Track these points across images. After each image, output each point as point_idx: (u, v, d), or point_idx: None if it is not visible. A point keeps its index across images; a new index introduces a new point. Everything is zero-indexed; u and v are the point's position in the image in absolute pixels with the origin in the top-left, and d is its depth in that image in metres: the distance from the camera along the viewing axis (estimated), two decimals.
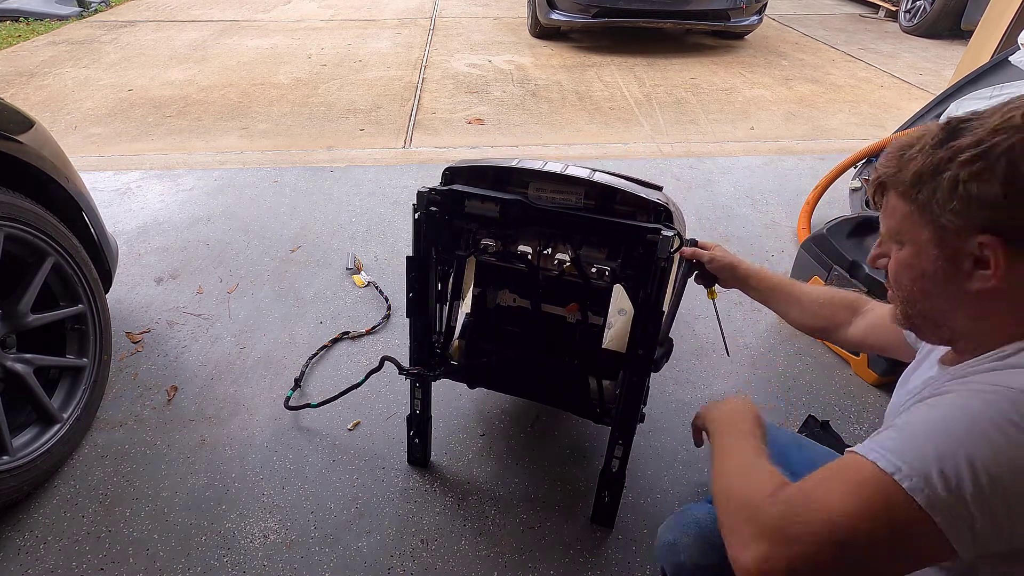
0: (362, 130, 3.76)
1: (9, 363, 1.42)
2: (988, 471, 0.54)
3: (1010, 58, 2.38)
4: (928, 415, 0.61)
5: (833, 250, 2.00)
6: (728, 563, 0.72)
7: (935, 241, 0.67)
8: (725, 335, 1.44)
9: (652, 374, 1.30)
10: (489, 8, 7.07)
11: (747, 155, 3.47)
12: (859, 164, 2.68)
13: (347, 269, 2.38)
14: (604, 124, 3.93)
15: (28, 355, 1.47)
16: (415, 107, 4.14)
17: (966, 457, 0.54)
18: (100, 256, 1.76)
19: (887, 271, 0.76)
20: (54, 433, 1.51)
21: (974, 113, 0.66)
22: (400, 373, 1.39)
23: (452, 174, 1.26)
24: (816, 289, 1.22)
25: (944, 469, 0.54)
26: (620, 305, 1.52)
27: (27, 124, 1.51)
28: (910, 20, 6.27)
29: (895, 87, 4.69)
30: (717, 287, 1.26)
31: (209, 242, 2.54)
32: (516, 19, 6.54)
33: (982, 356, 0.67)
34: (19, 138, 1.44)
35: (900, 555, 0.57)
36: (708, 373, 1.92)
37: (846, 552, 0.56)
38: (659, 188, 1.28)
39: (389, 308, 2.17)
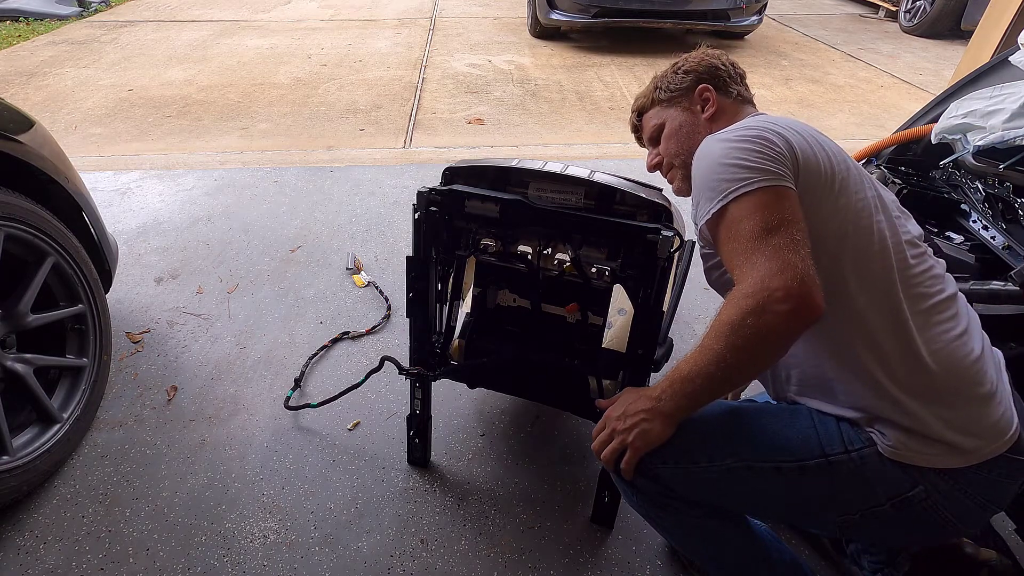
0: (362, 130, 3.76)
1: (9, 363, 1.42)
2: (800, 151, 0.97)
3: (1010, 58, 2.37)
4: (728, 152, 0.96)
5: None
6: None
7: (678, 108, 1.20)
8: None
9: (652, 374, 1.30)
10: (489, 8, 7.07)
11: None
12: (859, 164, 2.68)
13: (347, 269, 2.38)
14: (604, 124, 3.93)
15: (28, 355, 1.47)
16: (415, 107, 4.14)
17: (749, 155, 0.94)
18: (100, 256, 1.76)
19: (663, 164, 1.22)
20: (54, 433, 1.51)
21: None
22: (400, 373, 1.39)
23: (452, 174, 1.26)
24: None
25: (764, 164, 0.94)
26: (620, 305, 1.52)
27: (27, 124, 1.51)
28: (910, 20, 6.27)
29: (895, 87, 4.69)
30: None
31: (209, 242, 2.54)
32: (516, 19, 6.54)
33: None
34: (19, 138, 1.43)
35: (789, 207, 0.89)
36: None
37: (790, 230, 0.86)
38: (659, 190, 1.28)
39: (389, 308, 2.17)
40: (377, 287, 2.27)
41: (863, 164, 2.67)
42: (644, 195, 1.15)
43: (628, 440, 0.97)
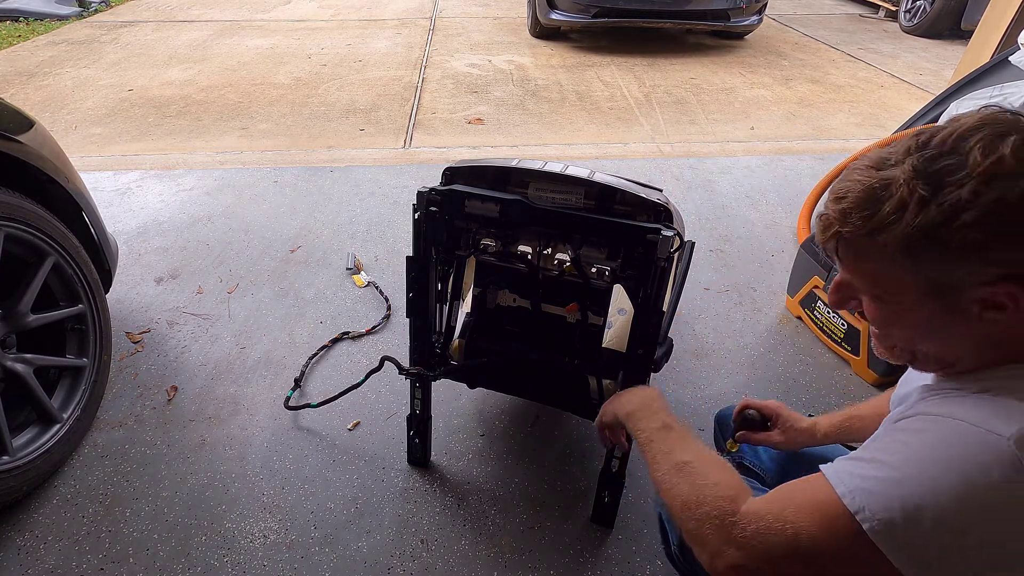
0: (362, 130, 3.76)
1: (9, 363, 1.42)
2: (947, 517, 0.55)
3: (1010, 58, 2.38)
4: (897, 451, 0.62)
5: None
6: None
7: (932, 295, 0.63)
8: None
9: (652, 374, 1.30)
10: (489, 8, 7.07)
11: (747, 155, 3.47)
12: None
13: (347, 269, 2.38)
14: (604, 124, 3.93)
15: (28, 355, 1.47)
16: (415, 107, 4.14)
17: (926, 503, 0.56)
18: (100, 256, 1.76)
19: (863, 313, 0.72)
20: (54, 433, 1.51)
21: (940, 147, 0.60)
22: (400, 373, 1.39)
23: (452, 174, 1.26)
24: (874, 403, 1.11)
25: (905, 513, 0.57)
26: (620, 305, 1.53)
27: (27, 124, 1.51)
28: (910, 20, 6.27)
29: (895, 87, 4.69)
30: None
31: (209, 242, 2.54)
32: (516, 19, 6.54)
33: (971, 376, 0.66)
34: (19, 138, 1.43)
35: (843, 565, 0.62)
36: (708, 373, 1.92)
37: (810, 570, 0.62)
38: (659, 190, 1.28)
39: (389, 308, 2.17)
40: (377, 287, 2.27)
41: None
42: (644, 195, 1.15)
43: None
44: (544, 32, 5.72)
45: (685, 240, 1.23)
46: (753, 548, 0.64)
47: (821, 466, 0.66)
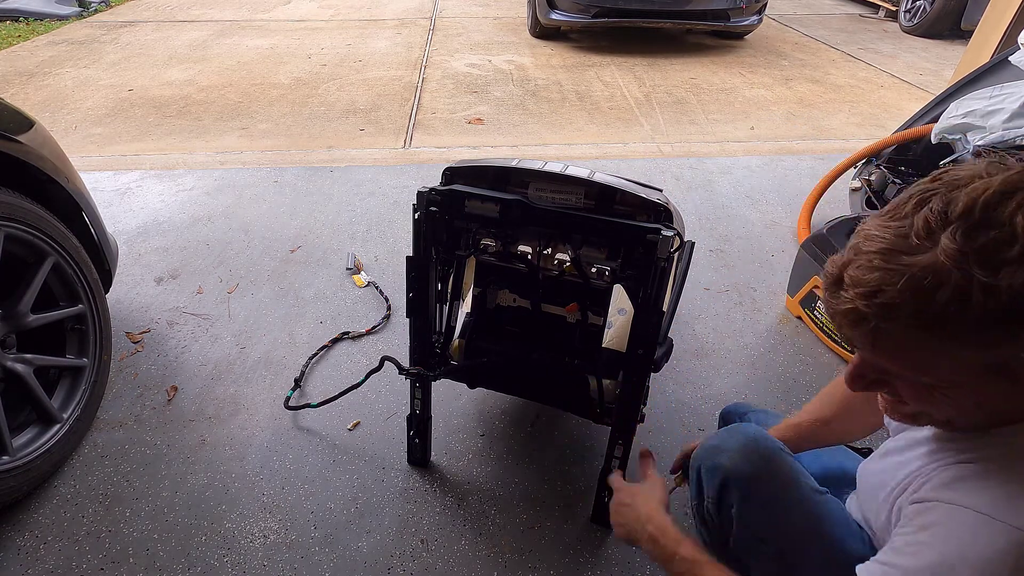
0: (362, 130, 3.76)
1: (9, 363, 1.42)
2: None
3: (1010, 58, 2.38)
4: (921, 553, 0.63)
5: (833, 250, 2.00)
6: (763, 473, 0.88)
7: (997, 372, 0.59)
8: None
9: (652, 374, 1.30)
10: (489, 8, 7.07)
11: (747, 155, 3.47)
12: (859, 164, 2.68)
13: (347, 269, 2.38)
14: (604, 124, 3.93)
15: (28, 355, 1.47)
16: (415, 107, 4.14)
17: None
18: (100, 256, 1.75)
19: (890, 400, 0.69)
20: (54, 433, 1.51)
21: (969, 219, 0.55)
22: (400, 373, 1.39)
23: (452, 174, 1.26)
24: (822, 402, 1.13)
25: None
26: (620, 305, 1.52)
27: (27, 124, 1.51)
28: (910, 20, 6.27)
29: (895, 87, 4.69)
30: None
31: (209, 242, 2.54)
32: (516, 19, 6.54)
33: (975, 437, 0.67)
34: (19, 138, 1.43)
35: None
36: (708, 373, 1.92)
37: None
38: (659, 190, 1.28)
39: (389, 308, 2.17)
40: (377, 287, 2.27)
41: (863, 164, 2.67)
42: (644, 195, 1.15)
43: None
44: (544, 32, 5.72)
45: (685, 240, 1.23)
46: None
47: (858, 567, 0.68)
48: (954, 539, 0.61)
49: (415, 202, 1.22)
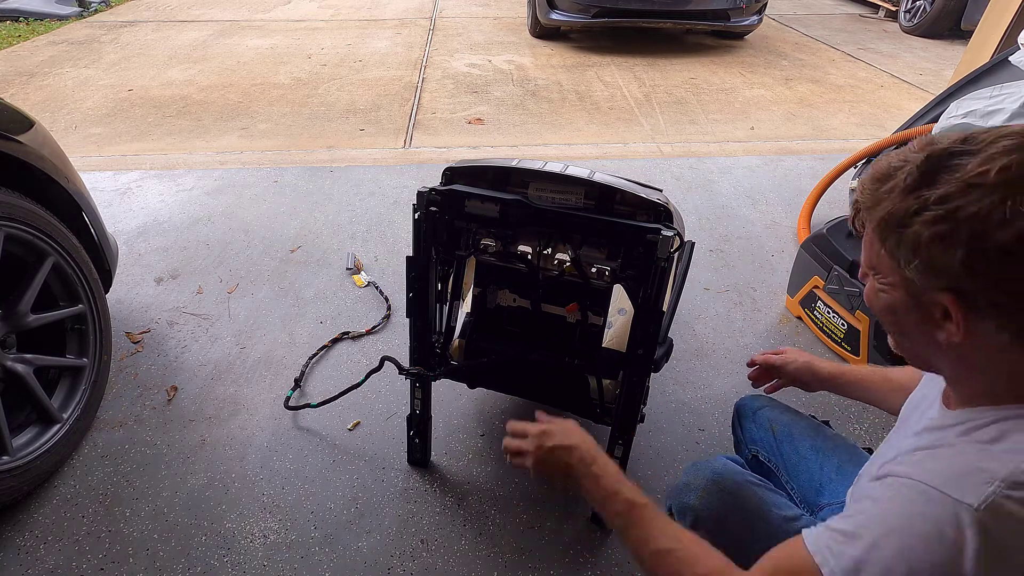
0: (362, 130, 3.76)
1: (9, 363, 1.42)
2: (896, 571, 0.58)
3: (1010, 58, 2.38)
4: (873, 512, 0.64)
5: (833, 250, 2.00)
6: (731, 510, 0.90)
7: (904, 287, 0.65)
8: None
9: (652, 374, 1.30)
10: (489, 8, 7.07)
11: (747, 155, 3.47)
12: (859, 164, 2.68)
13: (347, 269, 2.38)
14: (604, 124, 3.93)
15: (28, 355, 1.47)
16: (415, 107, 4.14)
17: (890, 567, 0.58)
18: (100, 256, 1.76)
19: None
20: (54, 433, 1.51)
21: (961, 143, 0.61)
22: (400, 373, 1.39)
23: (452, 174, 1.26)
24: (904, 371, 1.07)
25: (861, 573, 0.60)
26: (620, 305, 1.52)
27: (27, 124, 1.51)
28: (910, 20, 6.27)
29: (895, 87, 4.69)
30: None
31: (209, 242, 2.54)
32: (516, 19, 6.54)
33: (967, 418, 0.67)
34: (19, 138, 1.43)
35: None
36: (708, 373, 1.92)
37: None
38: (659, 190, 1.28)
39: (389, 308, 2.17)
40: (377, 287, 2.27)
41: (863, 164, 2.67)
42: (644, 195, 1.15)
43: (530, 459, 0.93)
44: (544, 32, 5.72)
45: (685, 240, 1.23)
46: None
47: (803, 531, 0.69)
48: (896, 507, 0.62)
49: (415, 202, 1.22)
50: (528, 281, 1.32)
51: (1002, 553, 0.55)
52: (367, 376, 1.66)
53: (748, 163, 3.35)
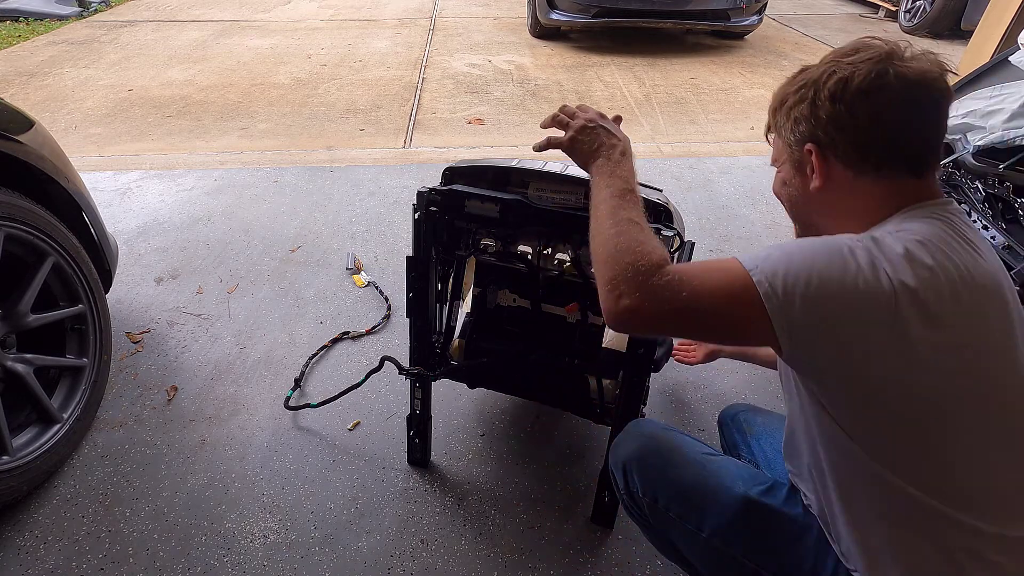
0: (362, 130, 3.76)
1: (9, 363, 1.42)
2: (818, 285, 0.70)
3: (1010, 58, 2.37)
4: (796, 242, 0.78)
5: None
6: (649, 448, 1.02)
7: (789, 157, 0.86)
8: None
9: (652, 374, 1.30)
10: (489, 8, 7.07)
11: (747, 155, 3.47)
12: None
13: (347, 269, 2.38)
14: None
15: (28, 355, 1.47)
16: (415, 107, 4.14)
17: (807, 271, 0.71)
18: (100, 256, 1.75)
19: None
20: (54, 433, 1.51)
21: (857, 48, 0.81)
22: (400, 373, 1.39)
23: (452, 174, 1.26)
24: None
25: (787, 275, 0.71)
26: None
27: (27, 124, 1.51)
28: (910, 20, 6.27)
29: None
30: None
31: (209, 242, 2.54)
32: (516, 19, 6.54)
33: None
34: (19, 138, 1.43)
35: (733, 328, 0.77)
36: (708, 373, 1.92)
37: (695, 314, 0.75)
38: (659, 190, 1.28)
39: (389, 308, 2.17)
40: (377, 287, 2.27)
41: None
42: (644, 195, 1.15)
43: (575, 126, 1.02)
44: (544, 32, 5.72)
45: (685, 240, 1.23)
46: (657, 296, 0.74)
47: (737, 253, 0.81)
48: (825, 240, 0.76)
49: (415, 202, 1.22)
50: (528, 281, 1.32)
51: (878, 260, 0.71)
52: (367, 376, 1.66)
53: (748, 163, 3.35)
